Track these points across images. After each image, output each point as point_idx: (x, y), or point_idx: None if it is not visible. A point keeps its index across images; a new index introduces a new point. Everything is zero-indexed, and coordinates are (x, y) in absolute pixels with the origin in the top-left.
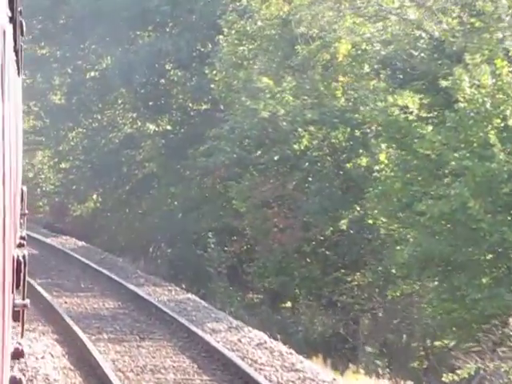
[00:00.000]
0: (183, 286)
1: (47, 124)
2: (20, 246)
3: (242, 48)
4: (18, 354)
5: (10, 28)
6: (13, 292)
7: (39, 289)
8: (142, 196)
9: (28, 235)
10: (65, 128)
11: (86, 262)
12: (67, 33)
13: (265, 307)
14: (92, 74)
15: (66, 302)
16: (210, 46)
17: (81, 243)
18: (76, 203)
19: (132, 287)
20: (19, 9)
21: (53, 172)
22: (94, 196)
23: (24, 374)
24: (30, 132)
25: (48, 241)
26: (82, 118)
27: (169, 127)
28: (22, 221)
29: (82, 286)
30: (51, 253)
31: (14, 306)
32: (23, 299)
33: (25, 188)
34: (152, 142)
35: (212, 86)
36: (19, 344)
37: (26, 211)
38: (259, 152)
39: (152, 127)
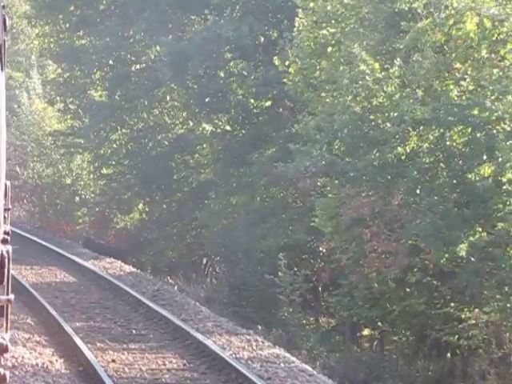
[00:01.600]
0: (270, 338)
1: (86, 124)
2: (4, 241)
3: (323, 32)
4: (2, 350)
5: None
6: None
7: (78, 339)
8: (195, 207)
9: (67, 257)
10: (106, 129)
11: (137, 295)
12: (109, 20)
13: (346, 341)
14: (137, 66)
15: (113, 361)
16: (278, 31)
17: (128, 268)
18: (119, 214)
19: (199, 336)
20: (1, 4)
21: (93, 178)
22: (140, 206)
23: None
24: (66, 133)
25: (88, 264)
26: (126, 118)
27: (228, 127)
28: (5, 215)
29: (133, 333)
30: (92, 281)
31: None
32: (7, 294)
33: (8, 183)
34: (208, 145)
35: (284, 79)
36: (3, 339)
37: (10, 206)
38: (350, 157)
39: (208, 128)
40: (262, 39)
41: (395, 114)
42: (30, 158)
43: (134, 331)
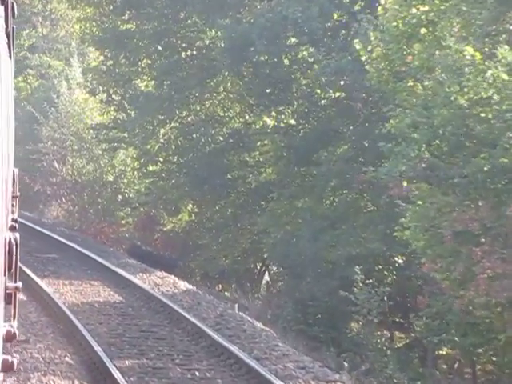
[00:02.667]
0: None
1: (132, 117)
2: (12, 228)
3: (414, 11)
4: (10, 337)
5: (1, 10)
6: (5, 274)
7: None
8: (254, 210)
9: (111, 270)
10: (154, 122)
11: (197, 323)
12: (158, 1)
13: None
14: (189, 53)
15: None
16: (351, 13)
17: (183, 284)
18: (166, 215)
19: None
20: None
21: (138, 176)
22: (189, 207)
23: None
24: (110, 127)
25: (137, 280)
26: (176, 110)
27: (292, 121)
28: (14, 203)
29: (196, 376)
30: (143, 302)
31: (6, 288)
32: (15, 282)
33: (16, 170)
34: (270, 142)
35: (361, 66)
36: (11, 326)
37: (18, 193)
38: (454, 159)
39: (270, 122)
40: (334, 21)
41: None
42: (70, 153)
43: (197, 373)
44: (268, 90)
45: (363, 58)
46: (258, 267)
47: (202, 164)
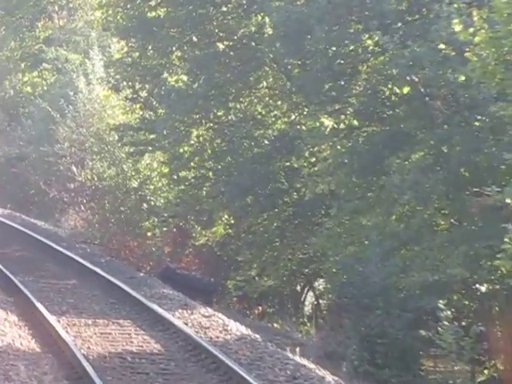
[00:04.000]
0: None
1: (161, 116)
2: None
3: None
4: None
5: None
6: None
7: None
8: (306, 225)
9: (145, 306)
10: (187, 122)
11: None
12: None
13: None
14: (228, 42)
15: None
16: None
17: (235, 327)
18: (199, 227)
19: None
20: None
21: (167, 183)
22: (225, 217)
23: None
24: (136, 127)
25: (177, 321)
26: (213, 108)
27: (355, 122)
28: None
29: None
30: (188, 354)
31: None
32: None
33: None
34: (329, 146)
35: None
36: None
37: None
38: None
39: (328, 123)
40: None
41: None
42: (89, 156)
43: None
44: (326, 86)
45: (463, 43)
46: (301, 288)
47: (244, 171)
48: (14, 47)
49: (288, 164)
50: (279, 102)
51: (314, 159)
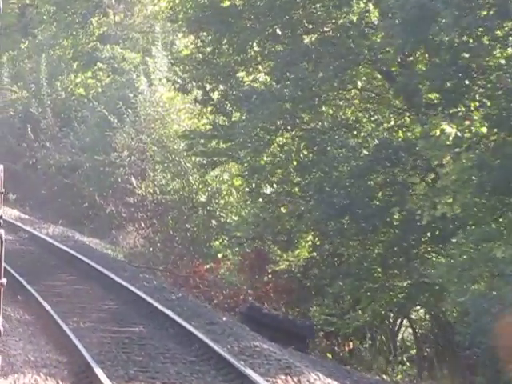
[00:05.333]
0: None
1: (237, 121)
2: None
3: None
4: None
5: None
6: None
7: None
8: (419, 253)
9: (232, 366)
10: (269, 128)
11: None
12: None
13: None
14: (315, 35)
15: None
16: None
17: None
18: (279, 250)
19: None
20: None
21: (240, 197)
22: (309, 238)
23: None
24: (208, 135)
25: None
26: (300, 113)
27: (484, 130)
28: None
29: None
30: None
31: None
32: (0, 278)
33: (1, 166)
34: (453, 160)
35: None
36: None
37: (3, 190)
38: None
39: (451, 130)
40: None
41: None
42: (151, 166)
43: None
44: (448, 84)
45: None
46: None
47: (339, 187)
48: (65, 45)
49: (400, 180)
50: (377, 105)
51: (432, 175)
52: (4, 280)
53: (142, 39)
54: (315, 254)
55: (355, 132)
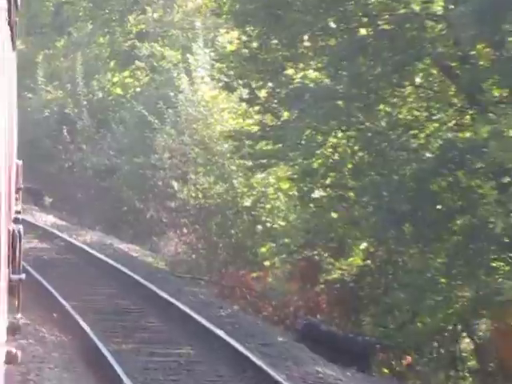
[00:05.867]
0: None
1: (286, 120)
2: (16, 220)
3: None
4: (13, 329)
5: (4, 2)
6: (9, 267)
7: None
8: (486, 263)
9: None
10: (323, 129)
11: None
12: None
13: None
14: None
15: None
16: None
17: None
18: (331, 258)
19: None
20: None
21: (288, 201)
22: (363, 245)
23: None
24: (256, 136)
25: None
26: (357, 111)
27: None
28: (17, 195)
29: None
30: None
31: (10, 280)
32: (19, 273)
33: (20, 162)
34: None
35: None
36: (15, 319)
37: (22, 186)
38: None
39: None
40: None
41: None
42: (193, 169)
43: None
44: None
45: None
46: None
47: (399, 191)
48: (102, 43)
49: (458, 183)
50: (435, 103)
51: (507, 178)
52: (23, 275)
53: (182, 36)
54: (369, 261)
55: (416, 132)
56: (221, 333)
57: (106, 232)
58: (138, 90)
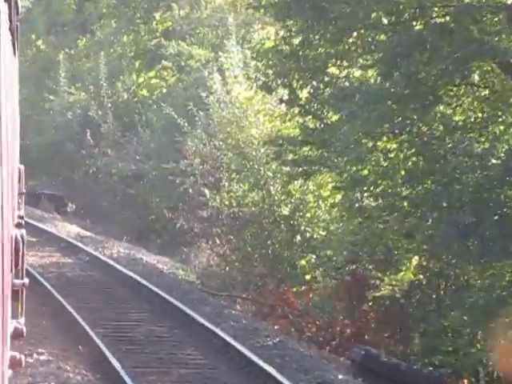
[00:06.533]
0: None
1: (331, 123)
2: (18, 225)
3: None
4: (17, 334)
5: (4, 7)
6: (12, 271)
7: None
8: None
9: None
10: (374, 133)
11: None
12: None
13: None
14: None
15: None
16: None
17: None
18: (379, 272)
19: None
20: None
21: (334, 211)
22: (415, 259)
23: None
24: (298, 141)
25: None
26: (410, 114)
27: None
28: (20, 200)
29: None
30: None
31: (14, 285)
32: (22, 278)
33: (22, 167)
34: None
35: None
36: (19, 323)
37: (24, 190)
38: None
39: None
40: None
41: None
42: (226, 176)
43: None
44: None
45: None
46: None
47: (461, 202)
48: (127, 42)
49: None
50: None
51: None
52: (26, 280)
53: (211, 34)
54: (421, 276)
55: (476, 135)
56: (270, 369)
57: (133, 243)
58: (164, 91)
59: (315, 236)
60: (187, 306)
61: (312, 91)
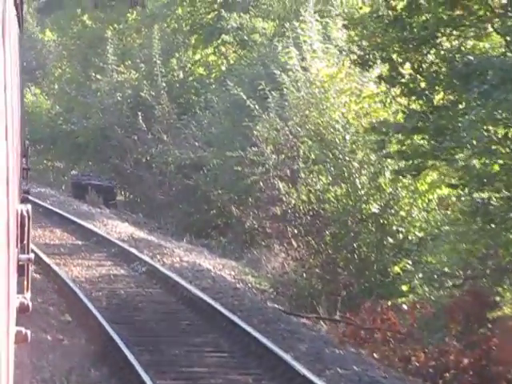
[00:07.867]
0: None
1: (445, 106)
2: (23, 200)
3: None
4: (23, 309)
5: None
6: (17, 246)
7: None
8: None
9: None
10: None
11: None
12: None
13: None
14: None
15: None
16: None
17: None
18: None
19: None
20: None
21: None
22: None
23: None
24: (408, 128)
25: None
26: None
27: None
28: (24, 175)
29: None
30: None
31: (19, 260)
32: (27, 253)
33: (27, 142)
34: None
35: None
36: (25, 298)
37: (28, 166)
38: None
39: None
40: None
41: None
42: (304, 167)
43: None
44: None
45: None
46: None
47: None
48: (182, 16)
49: None
50: None
51: None
52: (32, 255)
53: (278, 3)
54: None
55: None
56: None
57: (194, 243)
58: (224, 69)
59: (410, 238)
60: (275, 341)
61: (416, 67)
